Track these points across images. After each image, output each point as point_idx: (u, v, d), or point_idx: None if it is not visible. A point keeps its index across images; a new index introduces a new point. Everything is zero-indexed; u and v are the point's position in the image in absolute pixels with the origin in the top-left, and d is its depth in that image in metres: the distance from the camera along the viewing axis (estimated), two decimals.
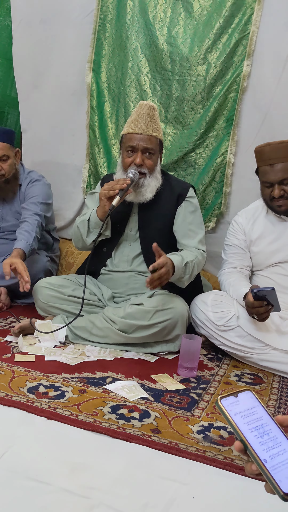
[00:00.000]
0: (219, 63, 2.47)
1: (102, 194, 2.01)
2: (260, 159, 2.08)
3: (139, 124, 2.07)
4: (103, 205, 2.04)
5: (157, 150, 2.13)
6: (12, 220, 2.65)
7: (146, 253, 2.18)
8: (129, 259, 2.22)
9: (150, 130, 2.07)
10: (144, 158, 2.09)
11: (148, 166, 2.10)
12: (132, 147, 2.08)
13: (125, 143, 2.12)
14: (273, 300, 1.84)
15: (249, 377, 1.92)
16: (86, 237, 2.15)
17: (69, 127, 2.91)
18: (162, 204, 2.17)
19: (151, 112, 2.09)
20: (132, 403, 1.59)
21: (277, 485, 0.69)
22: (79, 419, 1.45)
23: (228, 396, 0.76)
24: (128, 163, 2.10)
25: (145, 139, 2.07)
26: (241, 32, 2.41)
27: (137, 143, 2.07)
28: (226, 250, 2.26)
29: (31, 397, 1.56)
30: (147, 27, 2.60)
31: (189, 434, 1.44)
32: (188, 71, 2.54)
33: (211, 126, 2.55)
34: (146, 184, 2.10)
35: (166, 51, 2.57)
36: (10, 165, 2.53)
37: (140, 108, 2.10)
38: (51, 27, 2.80)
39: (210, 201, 2.61)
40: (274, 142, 2.03)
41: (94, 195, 2.28)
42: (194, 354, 1.86)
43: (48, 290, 2.15)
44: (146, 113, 2.08)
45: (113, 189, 1.98)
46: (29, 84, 2.93)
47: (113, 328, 2.01)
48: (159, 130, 2.13)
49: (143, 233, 2.19)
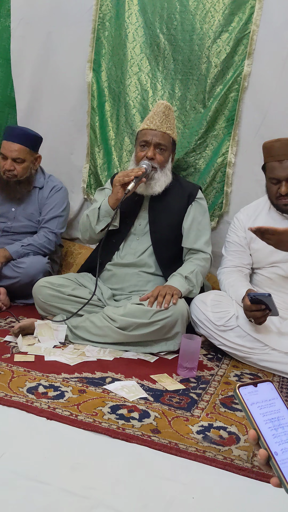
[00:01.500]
0: (219, 63, 2.47)
1: (117, 180, 2.08)
2: (269, 154, 2.06)
3: (154, 120, 2.18)
4: (116, 191, 2.10)
5: (169, 147, 2.22)
6: (24, 220, 2.67)
7: (156, 247, 2.24)
8: (136, 252, 2.25)
9: (164, 127, 2.18)
10: (156, 152, 2.17)
11: (159, 161, 2.17)
12: (145, 142, 2.18)
13: (139, 138, 2.22)
14: (270, 305, 1.84)
15: (249, 377, 1.92)
16: (95, 224, 2.19)
17: (68, 127, 2.90)
18: (172, 200, 2.24)
19: (167, 111, 2.20)
20: (131, 403, 1.59)
21: (285, 479, 0.69)
22: (79, 419, 1.45)
23: (248, 385, 0.76)
24: (140, 156, 2.18)
25: (159, 135, 2.17)
26: (242, 31, 2.41)
27: (150, 138, 2.17)
28: (227, 247, 2.26)
29: (31, 397, 1.56)
30: (147, 26, 2.59)
31: (189, 434, 1.44)
32: (190, 70, 2.54)
33: (212, 125, 2.55)
34: (156, 177, 2.17)
35: (169, 50, 2.57)
36: (24, 168, 2.55)
37: (157, 106, 2.22)
38: (50, 26, 2.80)
39: (211, 201, 2.61)
40: (284, 139, 2.02)
41: (104, 191, 2.34)
42: (193, 354, 1.86)
43: (47, 290, 2.15)
44: (162, 111, 2.19)
45: (128, 175, 2.07)
46: (27, 83, 2.92)
47: (113, 327, 2.01)
48: (173, 129, 2.23)
49: (153, 227, 2.24)
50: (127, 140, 2.75)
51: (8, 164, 2.51)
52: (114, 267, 2.26)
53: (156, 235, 2.24)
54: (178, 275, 2.14)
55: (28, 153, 2.56)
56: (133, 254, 2.25)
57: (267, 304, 1.84)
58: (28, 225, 2.67)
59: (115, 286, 2.24)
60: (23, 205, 2.66)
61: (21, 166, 2.54)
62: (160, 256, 2.23)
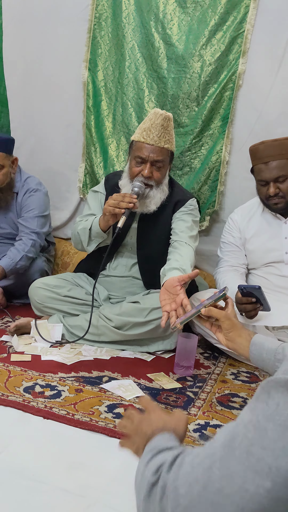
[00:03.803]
0: (213, 61, 2.47)
1: (107, 210, 1.92)
2: (255, 157, 2.08)
3: (152, 134, 1.97)
4: (107, 220, 1.98)
5: (167, 162, 2.06)
6: (7, 228, 2.61)
7: (142, 263, 2.17)
8: (128, 264, 2.21)
9: (162, 142, 1.98)
10: (153, 170, 2.01)
11: (155, 179, 2.03)
12: (141, 158, 2.00)
13: (135, 151, 2.03)
14: (261, 299, 1.84)
15: (245, 376, 1.92)
16: (87, 245, 2.11)
17: (62, 126, 2.90)
18: (161, 215, 2.12)
19: (165, 123, 1.98)
20: (128, 402, 1.59)
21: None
22: (76, 418, 1.45)
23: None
24: (135, 172, 2.02)
25: (156, 150, 1.99)
26: (236, 30, 2.41)
27: (147, 154, 1.98)
28: (222, 247, 2.27)
29: (27, 396, 1.56)
30: (143, 25, 2.60)
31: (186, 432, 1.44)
32: (183, 69, 2.54)
33: (207, 125, 2.55)
34: (152, 195, 2.04)
35: (163, 49, 2.57)
36: (4, 174, 2.45)
37: (154, 116, 1.98)
38: (43, 24, 2.79)
39: (205, 200, 2.62)
40: (268, 140, 2.04)
41: (97, 194, 2.24)
42: (190, 353, 1.86)
43: (43, 291, 2.15)
44: (160, 123, 1.97)
45: (119, 206, 1.89)
46: (20, 82, 2.92)
47: (109, 326, 2.01)
48: (171, 141, 2.04)
49: (140, 244, 2.16)
50: (123, 139, 2.75)
51: None
52: (107, 277, 2.23)
53: (142, 252, 2.16)
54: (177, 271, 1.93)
55: (5, 158, 2.45)
56: (124, 266, 2.21)
57: (258, 297, 1.84)
58: (11, 233, 2.60)
59: (110, 291, 2.22)
60: (3, 213, 2.59)
61: (1, 173, 2.44)
62: (146, 272, 2.16)
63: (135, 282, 2.20)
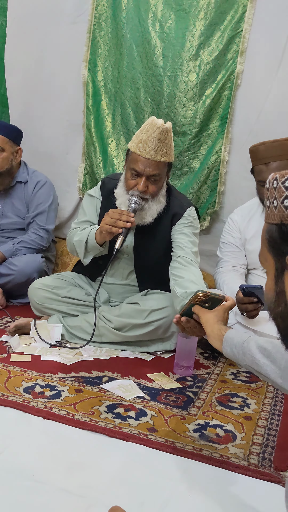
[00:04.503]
0: (211, 60, 2.47)
1: (104, 228, 1.89)
2: (255, 158, 2.08)
3: (148, 148, 1.89)
4: (103, 236, 1.95)
5: (163, 174, 2.00)
6: (13, 217, 2.65)
7: (139, 272, 2.16)
8: (125, 272, 2.19)
9: (158, 156, 1.90)
10: (149, 184, 1.95)
11: (151, 192, 1.97)
12: (136, 172, 1.94)
13: (130, 162, 1.96)
14: (262, 299, 1.84)
15: (245, 376, 1.92)
16: (83, 257, 2.09)
17: (63, 126, 2.90)
18: (158, 225, 2.08)
19: (163, 136, 1.88)
20: (128, 402, 1.59)
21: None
22: (76, 419, 1.45)
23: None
24: (131, 185, 1.97)
25: (152, 165, 1.91)
26: (234, 29, 2.41)
27: (142, 168, 1.92)
28: (222, 248, 2.26)
29: (27, 397, 1.55)
30: (140, 24, 2.59)
31: (186, 432, 1.44)
32: (180, 67, 2.54)
33: (206, 125, 2.55)
34: (147, 208, 1.99)
35: (159, 47, 2.57)
36: (4, 158, 2.54)
37: (151, 128, 1.88)
38: (43, 25, 2.79)
39: (205, 200, 2.62)
40: (269, 141, 2.04)
41: (93, 199, 2.19)
42: (190, 353, 1.86)
43: (43, 292, 2.14)
44: (157, 137, 1.87)
45: (116, 225, 1.86)
46: (21, 82, 2.92)
47: (109, 327, 2.01)
48: (169, 152, 1.95)
49: (137, 253, 2.13)
50: (123, 139, 2.75)
51: None
52: (104, 284, 2.21)
53: (139, 262, 2.13)
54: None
55: (8, 143, 2.55)
56: (121, 273, 2.19)
57: (259, 297, 1.84)
58: (17, 222, 2.66)
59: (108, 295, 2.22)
60: (10, 201, 2.65)
61: (1, 156, 2.52)
62: (143, 281, 2.15)
63: (133, 288, 2.19)
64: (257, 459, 1.34)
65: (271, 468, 1.30)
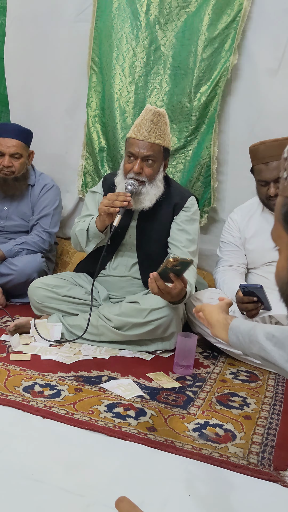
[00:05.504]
0: (207, 57, 2.46)
1: (102, 210, 1.95)
2: (255, 157, 2.08)
3: (142, 130, 1.99)
4: (102, 220, 1.99)
5: (159, 157, 2.03)
6: (17, 219, 2.66)
7: (142, 262, 2.17)
8: (128, 264, 2.20)
9: (152, 138, 1.98)
10: (144, 165, 2.00)
11: (147, 174, 2.02)
12: (132, 154, 2.01)
13: (127, 147, 2.04)
14: (263, 298, 1.84)
15: (245, 375, 1.92)
16: (85, 246, 2.12)
17: (63, 126, 2.90)
18: (159, 213, 2.11)
19: (155, 118, 1.97)
20: (128, 401, 1.59)
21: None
22: (75, 418, 1.45)
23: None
24: (127, 169, 2.03)
25: (146, 146, 1.98)
26: (230, 26, 2.40)
27: (137, 150, 1.99)
28: (222, 247, 2.26)
29: (27, 396, 1.55)
30: (134, 17, 2.58)
31: (185, 432, 1.44)
32: (179, 65, 2.53)
33: (202, 122, 2.55)
34: (145, 192, 2.02)
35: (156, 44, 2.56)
36: (21, 164, 2.55)
37: (145, 112, 2.00)
38: (44, 24, 2.79)
39: (200, 197, 2.61)
40: (268, 141, 2.04)
41: (95, 195, 2.23)
42: (190, 352, 1.86)
43: (43, 291, 2.14)
44: (150, 119, 1.97)
45: (113, 205, 1.92)
46: (22, 82, 2.92)
47: (108, 326, 2.01)
48: (164, 137, 2.02)
49: (140, 243, 2.16)
50: None
51: (7, 161, 2.50)
52: (107, 277, 2.22)
53: (142, 251, 2.15)
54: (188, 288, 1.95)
55: (24, 149, 2.56)
56: (124, 265, 2.19)
57: (259, 296, 1.84)
58: (21, 224, 2.66)
59: (109, 291, 2.22)
60: (16, 204, 2.66)
61: (18, 162, 2.53)
62: (146, 272, 2.12)
63: (134, 282, 2.19)
64: (257, 458, 1.33)
65: (270, 468, 1.29)
